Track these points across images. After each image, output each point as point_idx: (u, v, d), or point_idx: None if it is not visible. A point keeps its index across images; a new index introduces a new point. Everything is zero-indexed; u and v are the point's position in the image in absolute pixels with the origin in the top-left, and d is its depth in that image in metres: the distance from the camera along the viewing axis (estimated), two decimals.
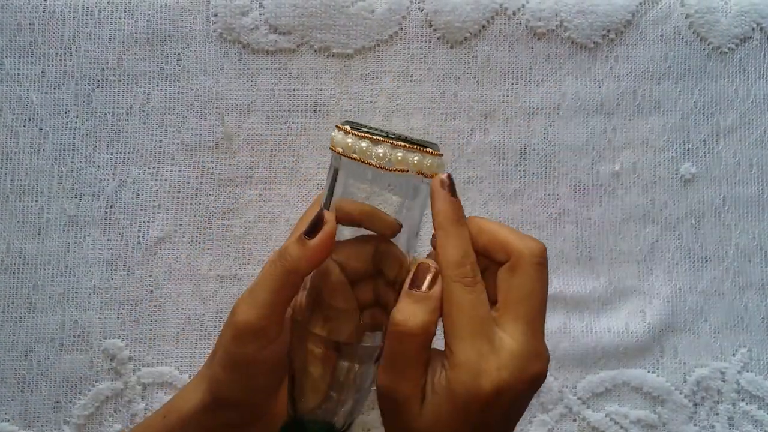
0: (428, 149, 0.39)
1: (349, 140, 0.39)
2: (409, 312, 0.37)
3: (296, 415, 0.40)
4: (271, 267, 0.39)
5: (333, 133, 0.40)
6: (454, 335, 0.36)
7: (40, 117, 0.53)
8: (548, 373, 0.55)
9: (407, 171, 0.39)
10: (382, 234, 0.41)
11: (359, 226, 0.41)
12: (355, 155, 0.39)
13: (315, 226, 0.39)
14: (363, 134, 0.38)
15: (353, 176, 0.40)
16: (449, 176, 0.39)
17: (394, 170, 0.38)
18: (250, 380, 0.41)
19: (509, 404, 0.36)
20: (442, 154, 0.40)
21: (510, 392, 0.35)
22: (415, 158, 0.39)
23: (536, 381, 0.37)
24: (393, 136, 0.39)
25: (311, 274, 0.40)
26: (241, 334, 0.39)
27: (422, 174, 0.39)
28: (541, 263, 0.38)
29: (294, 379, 0.40)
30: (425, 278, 0.38)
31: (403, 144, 0.38)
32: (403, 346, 0.36)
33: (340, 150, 0.39)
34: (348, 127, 0.39)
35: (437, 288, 0.37)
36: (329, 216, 0.39)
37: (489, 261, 0.39)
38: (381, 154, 0.38)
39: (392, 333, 0.37)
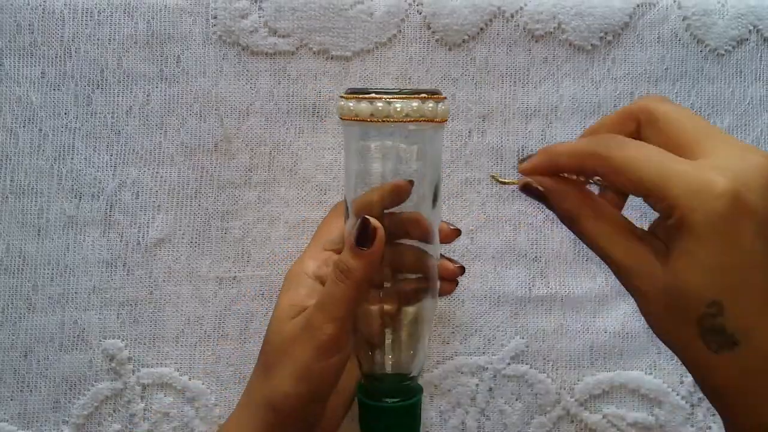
0: (425, 95, 0.41)
1: (351, 104, 0.42)
2: (562, 204, 0.36)
3: (370, 372, 0.44)
4: (338, 285, 0.41)
5: (346, 104, 0.42)
6: (656, 182, 0.31)
7: (39, 118, 0.53)
8: (545, 374, 0.55)
9: (407, 120, 0.41)
10: (398, 198, 0.44)
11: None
12: (356, 117, 0.41)
13: (366, 234, 0.41)
14: (360, 96, 0.41)
15: (363, 138, 0.43)
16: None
17: (394, 121, 0.41)
18: (321, 389, 0.43)
19: (762, 208, 0.30)
20: (444, 98, 0.42)
21: (750, 192, 0.30)
22: (414, 105, 0.41)
23: (760, 164, 0.31)
24: (394, 91, 0.41)
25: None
26: (326, 348, 0.41)
27: (427, 119, 0.41)
28: (667, 99, 0.35)
29: (358, 339, 0.44)
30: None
31: (399, 96, 0.41)
32: (586, 223, 0.36)
33: (345, 117, 0.42)
34: (348, 94, 0.42)
35: (550, 181, 0.37)
36: (375, 222, 0.41)
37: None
38: (380, 109, 0.41)
39: (571, 225, 0.36)
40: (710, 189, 0.30)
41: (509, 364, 0.55)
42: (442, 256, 0.46)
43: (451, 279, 0.47)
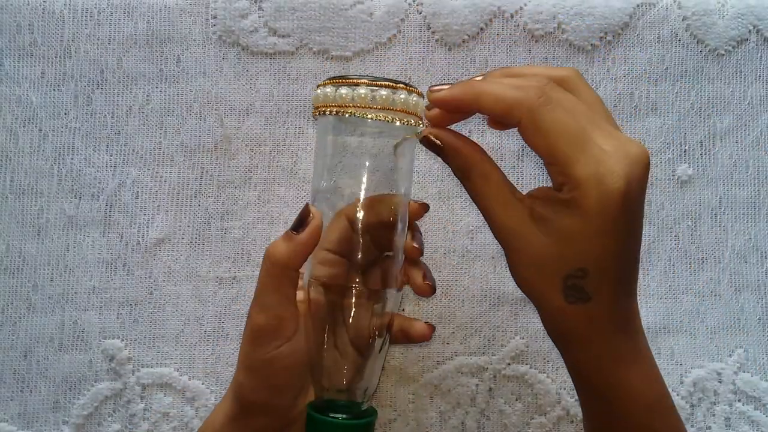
0: (403, 85, 0.39)
1: (328, 90, 0.39)
2: (456, 161, 0.40)
3: (321, 394, 0.42)
4: (265, 269, 0.41)
5: (317, 92, 0.40)
6: (560, 158, 0.35)
7: (39, 118, 0.53)
8: (545, 375, 0.55)
9: (389, 111, 0.39)
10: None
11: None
12: (335, 105, 0.39)
13: (302, 220, 0.40)
14: (340, 81, 0.39)
15: (339, 131, 0.41)
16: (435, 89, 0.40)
17: (378, 111, 0.39)
18: (270, 380, 0.42)
19: (636, 203, 0.35)
20: (422, 94, 0.41)
21: (634, 189, 0.35)
22: (401, 96, 0.39)
23: (645, 162, 0.35)
24: (371, 78, 0.39)
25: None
26: (257, 336, 0.41)
27: (407, 113, 0.39)
28: (543, 104, 0.36)
29: (313, 360, 0.42)
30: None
31: (383, 83, 0.39)
32: (475, 182, 0.38)
33: (321, 104, 0.39)
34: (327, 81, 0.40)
35: (449, 137, 0.39)
36: (315, 210, 0.40)
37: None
38: (363, 95, 0.39)
39: (462, 178, 0.39)
40: (610, 183, 0.34)
41: (509, 364, 0.55)
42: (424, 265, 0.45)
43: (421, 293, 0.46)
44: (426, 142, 0.40)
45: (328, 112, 0.39)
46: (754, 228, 0.58)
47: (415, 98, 0.40)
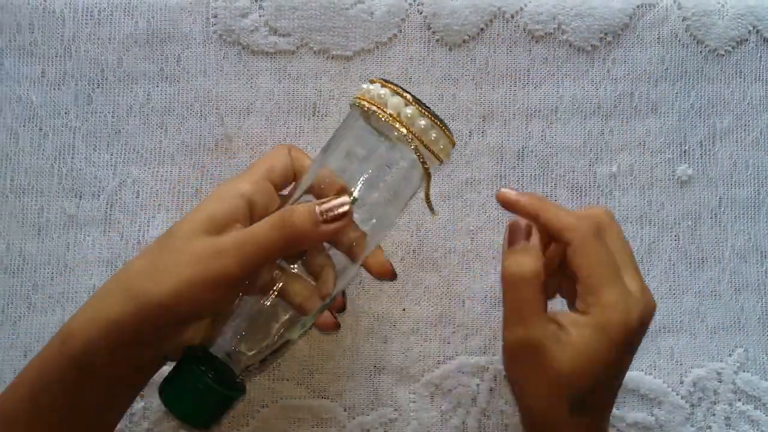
0: (446, 129, 0.42)
1: (382, 91, 0.42)
2: (517, 262, 0.41)
3: (208, 346, 0.41)
4: (273, 232, 0.39)
5: (365, 86, 0.43)
6: (599, 282, 0.40)
7: (40, 117, 0.53)
8: None
9: (419, 140, 0.41)
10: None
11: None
12: (379, 103, 0.41)
13: (335, 213, 0.40)
14: (395, 89, 0.42)
15: (365, 130, 0.43)
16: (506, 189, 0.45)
17: (412, 134, 0.41)
18: (192, 315, 0.40)
19: (643, 331, 0.42)
20: (454, 143, 0.44)
21: (644, 326, 0.42)
22: (422, 123, 0.41)
23: (652, 314, 0.42)
24: (424, 105, 0.42)
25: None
26: (224, 284, 0.39)
27: (427, 148, 0.42)
28: (597, 236, 0.41)
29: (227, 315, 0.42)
30: (520, 233, 0.43)
31: (429, 114, 0.41)
32: (522, 293, 0.40)
33: (366, 97, 0.42)
34: (383, 81, 0.42)
35: (535, 238, 0.43)
36: (352, 210, 0.40)
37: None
38: (409, 115, 0.41)
39: (509, 284, 0.41)
40: (632, 311, 0.41)
41: None
42: (328, 309, 0.46)
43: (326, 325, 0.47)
44: (501, 199, 0.44)
45: (368, 109, 0.42)
46: (754, 228, 0.58)
47: (443, 142, 0.43)
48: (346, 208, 0.40)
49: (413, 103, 0.41)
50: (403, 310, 0.55)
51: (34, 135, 0.53)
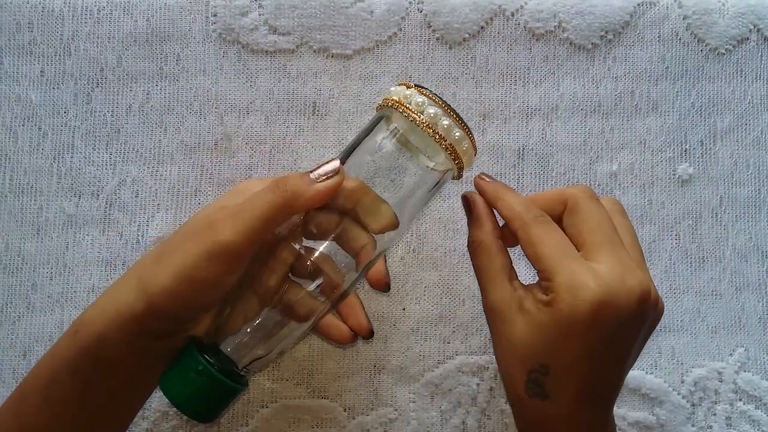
0: (470, 133, 0.43)
1: (408, 92, 0.42)
2: (476, 232, 0.43)
3: (212, 339, 0.41)
4: (267, 194, 0.39)
5: (393, 88, 0.43)
6: (549, 266, 0.39)
7: (39, 116, 0.53)
8: None
9: (444, 140, 0.41)
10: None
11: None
12: (409, 106, 0.41)
13: (327, 171, 0.40)
14: (424, 92, 0.42)
15: (388, 137, 0.43)
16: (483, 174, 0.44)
17: (435, 136, 0.41)
18: (198, 298, 0.39)
19: (613, 320, 0.38)
20: (475, 151, 0.44)
21: (611, 307, 0.37)
22: (457, 134, 0.42)
23: (637, 295, 0.38)
24: (448, 106, 0.42)
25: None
26: (219, 254, 0.38)
27: (451, 152, 0.42)
28: (592, 196, 0.42)
29: (229, 307, 0.41)
30: (475, 203, 0.44)
31: (454, 116, 0.41)
32: (483, 260, 0.42)
33: (396, 98, 0.42)
34: (413, 84, 0.42)
35: (482, 209, 0.43)
36: (342, 169, 0.40)
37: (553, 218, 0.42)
38: (432, 115, 0.41)
39: (471, 253, 0.43)
40: (583, 293, 0.37)
41: None
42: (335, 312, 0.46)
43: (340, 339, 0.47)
44: (463, 199, 0.45)
45: (402, 113, 0.42)
46: (755, 227, 0.58)
47: (467, 144, 0.43)
48: (336, 165, 0.40)
49: (450, 113, 0.41)
50: (403, 309, 0.55)
51: (33, 134, 0.53)
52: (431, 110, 0.41)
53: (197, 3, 0.54)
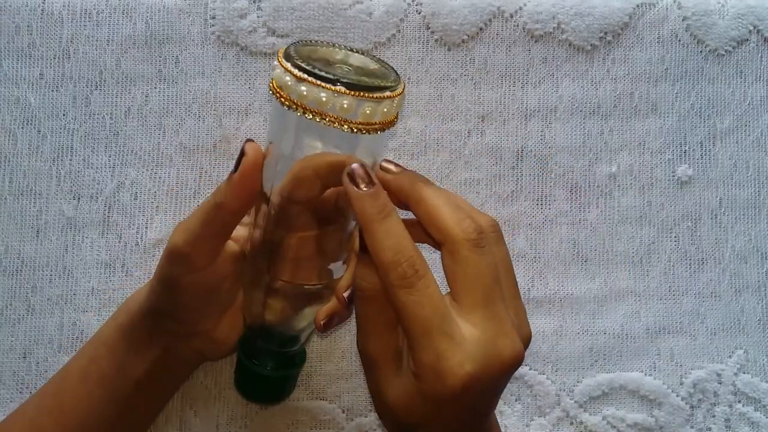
0: (378, 94, 0.34)
1: (288, 79, 0.34)
2: (360, 275, 0.37)
3: (251, 324, 0.43)
4: (206, 200, 0.41)
5: (275, 63, 0.36)
6: (410, 339, 0.35)
7: (38, 119, 0.53)
8: (545, 376, 0.55)
9: (344, 123, 0.34)
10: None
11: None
12: (292, 99, 0.34)
13: (238, 160, 0.39)
14: (302, 76, 0.34)
15: (297, 128, 0.37)
16: (357, 166, 0.36)
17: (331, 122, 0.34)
18: (177, 298, 0.42)
19: (481, 391, 0.35)
20: (402, 92, 0.36)
21: (480, 382, 0.34)
22: (368, 108, 0.34)
23: (509, 364, 0.35)
24: (345, 71, 0.35)
25: (270, 218, 0.40)
26: (170, 255, 0.41)
27: (372, 124, 0.35)
28: (477, 244, 0.35)
29: (246, 285, 0.43)
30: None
31: (346, 91, 0.34)
32: (363, 308, 0.37)
33: (281, 93, 0.35)
34: (289, 64, 0.34)
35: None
36: (249, 147, 0.38)
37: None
38: (323, 100, 0.34)
39: (356, 298, 0.38)
40: (448, 379, 0.34)
41: None
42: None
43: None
44: (349, 172, 0.36)
45: (287, 106, 0.35)
46: (755, 229, 0.58)
47: (371, 106, 0.35)
48: (246, 146, 0.39)
49: (322, 84, 0.34)
50: None
51: (32, 137, 0.53)
52: (303, 89, 0.34)
53: (196, 5, 0.54)
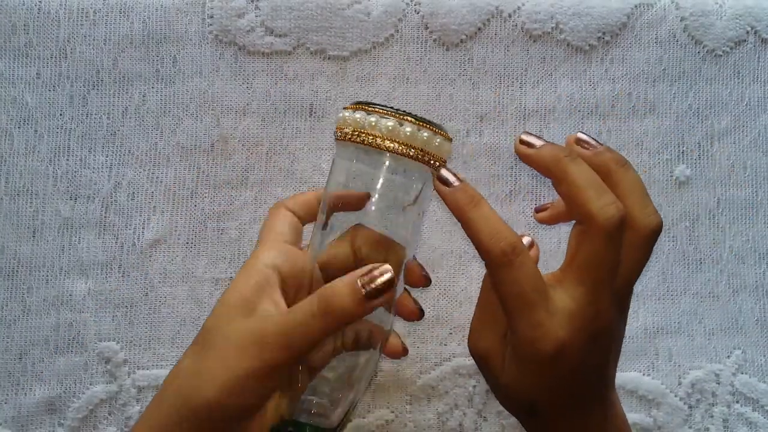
0: (436, 128, 0.39)
1: (358, 116, 0.39)
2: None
3: (289, 415, 0.39)
4: (315, 318, 0.37)
5: (340, 114, 0.40)
6: (509, 315, 0.37)
7: (35, 118, 0.53)
8: None
9: (411, 150, 0.38)
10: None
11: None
12: (362, 131, 0.38)
13: (378, 284, 0.37)
14: (372, 109, 0.39)
15: (356, 158, 0.40)
16: (444, 171, 0.39)
17: (397, 150, 0.38)
18: (247, 410, 0.38)
19: (578, 357, 0.37)
20: (450, 138, 0.40)
21: (572, 348, 0.36)
22: (425, 135, 0.38)
23: (600, 336, 0.37)
24: (402, 113, 0.38)
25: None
26: (269, 374, 0.37)
27: (427, 155, 0.39)
28: (611, 236, 0.37)
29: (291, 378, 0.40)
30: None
31: (411, 119, 0.38)
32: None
33: (347, 129, 0.39)
34: (356, 105, 0.39)
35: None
36: (396, 280, 0.37)
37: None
38: (390, 128, 0.38)
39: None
40: (541, 345, 0.36)
41: None
42: (406, 290, 0.44)
43: (408, 318, 0.44)
44: (439, 177, 0.39)
45: (349, 136, 0.39)
46: (752, 229, 0.58)
47: (438, 140, 0.39)
48: (389, 275, 0.37)
49: (408, 119, 0.38)
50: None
51: (29, 137, 0.53)
52: (390, 123, 0.38)
53: (193, 5, 0.54)
